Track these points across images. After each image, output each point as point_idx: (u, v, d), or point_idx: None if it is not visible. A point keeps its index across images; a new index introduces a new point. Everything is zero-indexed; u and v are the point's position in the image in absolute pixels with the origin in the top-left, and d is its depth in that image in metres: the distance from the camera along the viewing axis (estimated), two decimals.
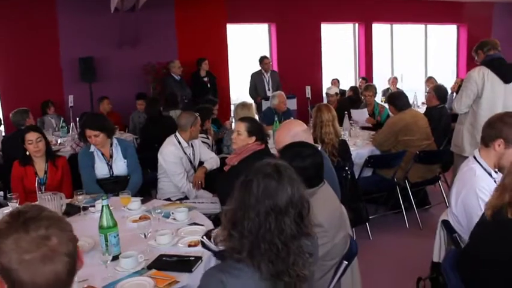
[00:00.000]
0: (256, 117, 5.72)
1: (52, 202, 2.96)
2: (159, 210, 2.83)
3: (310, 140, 3.09)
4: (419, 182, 4.98)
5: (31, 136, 3.69)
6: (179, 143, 4.14)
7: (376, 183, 4.97)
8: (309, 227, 1.62)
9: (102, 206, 2.37)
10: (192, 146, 4.25)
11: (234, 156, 3.40)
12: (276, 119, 6.13)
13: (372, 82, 10.55)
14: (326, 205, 2.21)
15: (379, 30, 11.42)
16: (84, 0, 8.02)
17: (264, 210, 1.54)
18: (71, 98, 7.62)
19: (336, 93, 7.05)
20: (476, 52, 4.63)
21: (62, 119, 7.06)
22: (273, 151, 3.49)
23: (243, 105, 5.19)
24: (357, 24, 11.20)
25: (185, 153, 4.15)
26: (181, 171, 4.04)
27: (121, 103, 8.04)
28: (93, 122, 3.80)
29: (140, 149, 6.11)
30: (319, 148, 3.11)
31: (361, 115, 6.39)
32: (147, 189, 4.58)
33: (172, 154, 4.05)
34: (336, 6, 10.23)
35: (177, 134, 4.17)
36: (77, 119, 6.60)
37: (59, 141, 6.08)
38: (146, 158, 4.57)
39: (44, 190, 3.59)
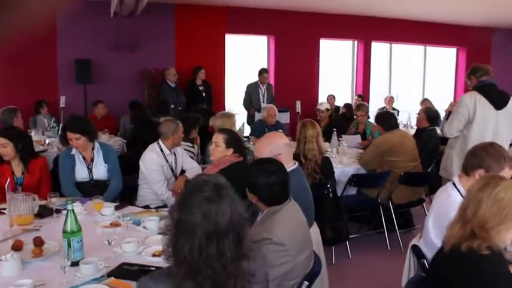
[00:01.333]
0: (238, 128, 5.64)
1: (24, 203, 2.95)
2: (128, 217, 2.81)
3: (290, 154, 3.06)
4: (403, 204, 4.96)
5: None
6: (161, 150, 4.13)
7: (359, 202, 4.95)
8: (248, 248, 1.60)
9: (68, 211, 2.35)
10: (174, 154, 4.25)
11: (212, 167, 3.39)
12: (266, 131, 6.13)
13: (369, 100, 10.61)
14: (289, 223, 2.19)
15: (378, 48, 11.46)
16: (84, 2, 8.05)
17: (206, 234, 1.52)
18: (62, 99, 7.64)
19: (327, 109, 7.05)
20: (469, 77, 4.62)
21: (53, 119, 7.08)
22: None
23: (223, 115, 5.15)
24: (356, 42, 11.26)
25: (167, 161, 4.15)
26: (161, 179, 4.03)
27: (115, 107, 8.05)
28: (74, 125, 3.78)
29: (128, 153, 6.13)
30: (298, 165, 3.08)
31: (353, 140, 6.34)
32: (129, 195, 4.56)
33: (153, 161, 4.04)
34: (336, 23, 10.28)
35: (160, 141, 4.16)
36: None
37: (47, 141, 6.07)
38: (134, 163, 4.55)
39: (20, 190, 3.57)
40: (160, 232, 1.71)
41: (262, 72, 8.77)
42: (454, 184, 2.70)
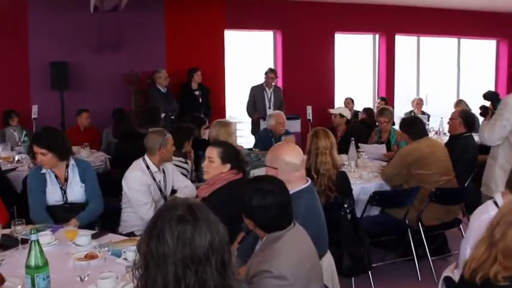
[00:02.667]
0: (237, 140, 5.58)
1: None
2: (106, 248, 2.77)
3: (292, 175, 2.92)
4: (436, 225, 4.89)
5: None
6: (147, 167, 4.11)
7: (383, 224, 4.89)
8: (233, 278, 1.55)
9: (31, 242, 2.32)
10: (163, 171, 4.22)
11: (206, 187, 3.37)
12: (273, 142, 6.07)
13: (393, 103, 10.53)
14: (292, 253, 2.14)
15: (404, 43, 11.44)
16: None
17: (182, 261, 1.47)
18: (34, 108, 7.65)
19: (341, 115, 6.95)
20: None
21: (25, 132, 7.08)
22: None
23: (218, 123, 5.10)
24: (377, 36, 11.26)
25: (154, 180, 4.12)
26: (147, 201, 3.99)
27: (97, 117, 8.05)
28: (41, 138, 3.73)
29: (112, 171, 6.11)
30: (309, 184, 3.00)
31: (375, 151, 6.23)
32: (112, 220, 4.52)
33: (137, 180, 4.01)
34: (353, 14, 10.27)
35: (146, 157, 4.14)
36: None
37: (16, 158, 6.05)
38: (118, 183, 4.52)
39: None
40: (128, 271, 1.65)
41: (268, 72, 8.79)
42: (496, 203, 2.63)
